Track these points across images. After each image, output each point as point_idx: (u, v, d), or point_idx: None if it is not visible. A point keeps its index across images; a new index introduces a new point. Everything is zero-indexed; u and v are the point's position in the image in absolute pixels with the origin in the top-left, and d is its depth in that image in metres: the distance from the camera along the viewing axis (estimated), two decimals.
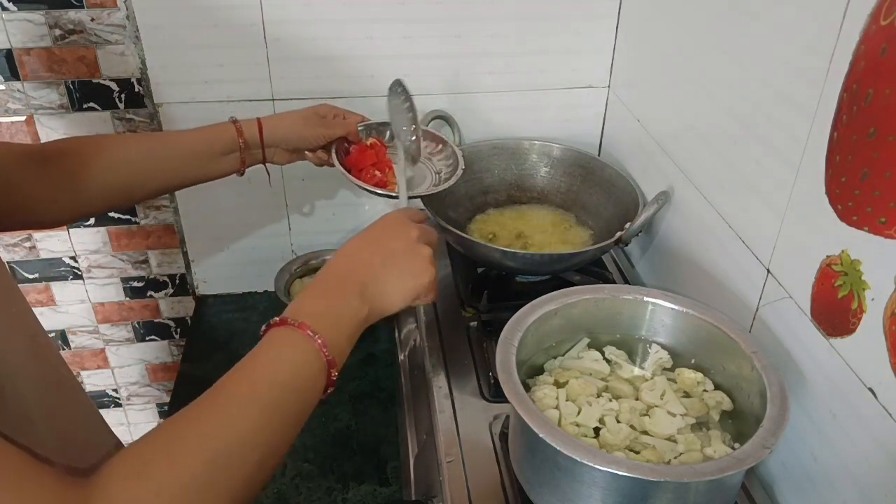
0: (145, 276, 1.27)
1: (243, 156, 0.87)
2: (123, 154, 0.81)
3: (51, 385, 0.58)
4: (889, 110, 0.54)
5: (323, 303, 0.60)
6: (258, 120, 0.89)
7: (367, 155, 0.96)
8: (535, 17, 1.10)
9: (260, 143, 0.88)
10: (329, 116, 0.95)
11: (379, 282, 0.63)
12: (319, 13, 1.04)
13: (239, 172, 0.89)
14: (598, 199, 1.11)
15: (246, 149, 0.87)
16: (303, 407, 0.55)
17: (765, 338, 0.74)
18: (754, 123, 0.76)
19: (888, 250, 0.56)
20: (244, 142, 0.87)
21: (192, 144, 0.85)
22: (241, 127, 0.87)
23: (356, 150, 0.97)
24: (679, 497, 0.60)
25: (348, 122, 0.95)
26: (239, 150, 0.87)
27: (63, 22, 1.02)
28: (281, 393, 0.53)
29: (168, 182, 0.87)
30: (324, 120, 0.94)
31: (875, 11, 0.56)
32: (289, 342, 0.56)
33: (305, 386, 0.55)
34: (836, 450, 0.65)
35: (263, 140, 0.88)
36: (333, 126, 0.94)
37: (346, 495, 0.91)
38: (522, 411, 0.61)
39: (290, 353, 0.55)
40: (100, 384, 1.41)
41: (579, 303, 0.76)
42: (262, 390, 0.52)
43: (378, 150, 0.98)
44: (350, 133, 0.95)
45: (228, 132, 0.86)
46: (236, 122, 0.87)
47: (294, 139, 0.91)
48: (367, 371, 1.10)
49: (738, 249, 0.80)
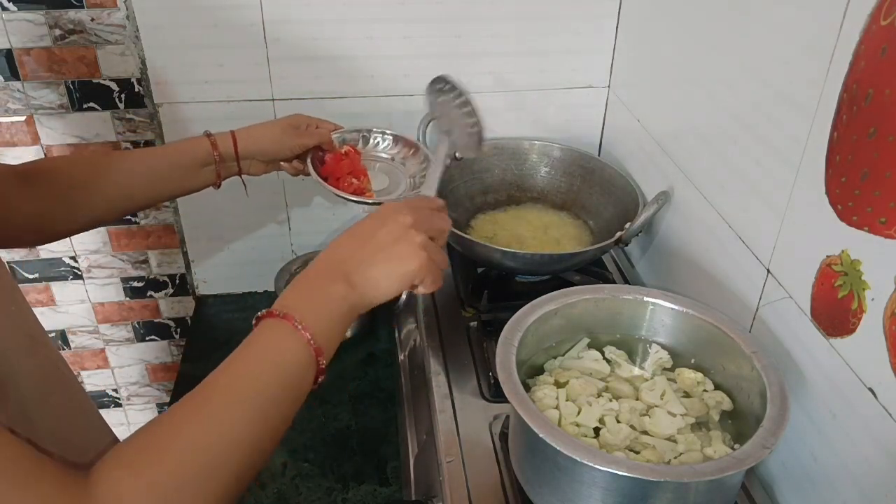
0: (145, 276, 1.27)
1: (218, 169, 0.88)
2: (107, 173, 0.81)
3: (50, 385, 0.58)
4: (889, 110, 0.54)
5: (307, 293, 0.60)
6: (232, 132, 0.89)
7: (343, 163, 0.96)
8: (535, 17, 1.10)
9: (235, 156, 0.89)
10: (303, 126, 0.95)
11: (363, 267, 0.62)
12: (319, 13, 1.04)
13: (215, 185, 0.90)
14: (598, 199, 1.11)
15: (221, 162, 0.87)
16: (292, 398, 0.55)
17: (765, 338, 0.74)
18: (754, 123, 0.76)
19: (888, 250, 0.56)
20: (219, 155, 0.87)
21: (170, 158, 0.86)
22: (216, 140, 0.87)
23: (331, 159, 0.96)
24: (679, 497, 0.60)
25: (322, 132, 0.96)
26: (214, 164, 0.87)
27: (63, 22, 1.02)
28: (269, 386, 0.54)
29: (148, 198, 0.87)
30: (298, 130, 0.94)
31: (875, 11, 0.56)
32: (275, 335, 0.56)
33: (293, 377, 0.55)
34: (836, 450, 0.65)
35: (238, 152, 0.89)
36: (307, 136, 0.94)
37: (346, 495, 0.91)
38: (522, 411, 0.61)
39: (276, 346, 0.56)
40: (100, 384, 1.41)
41: (579, 303, 0.76)
42: (251, 384, 0.53)
43: (353, 157, 0.98)
44: (324, 142, 0.96)
45: (203, 146, 0.86)
46: (210, 135, 0.87)
47: (269, 150, 0.91)
48: (367, 371, 1.10)
49: (738, 249, 0.80)
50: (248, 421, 0.52)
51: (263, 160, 0.93)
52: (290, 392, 0.55)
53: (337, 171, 0.96)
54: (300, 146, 0.93)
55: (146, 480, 0.46)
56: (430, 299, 1.01)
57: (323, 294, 0.60)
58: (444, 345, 0.93)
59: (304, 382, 0.56)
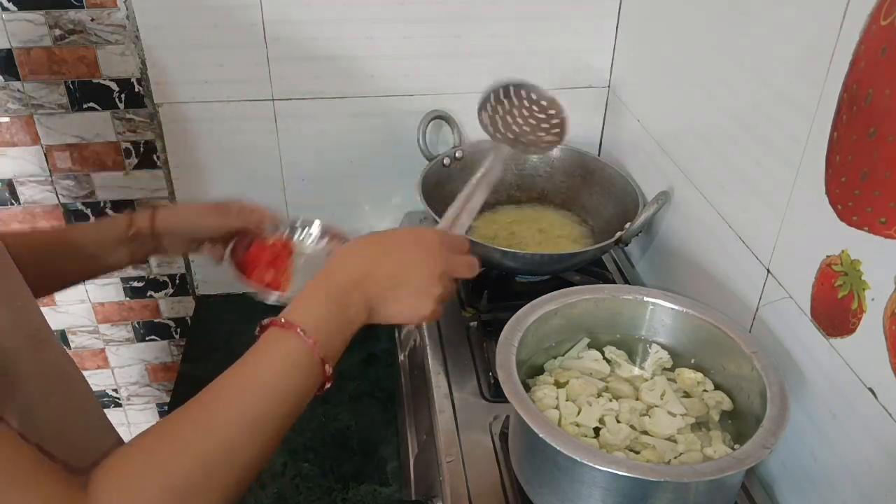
0: (145, 276, 1.27)
1: (133, 247, 0.84)
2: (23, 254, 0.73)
3: (52, 384, 0.58)
4: (889, 110, 0.54)
5: (324, 307, 0.60)
6: (152, 210, 0.85)
7: (265, 252, 0.90)
8: (535, 17, 1.10)
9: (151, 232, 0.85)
10: (233, 209, 0.90)
11: (384, 298, 0.63)
12: (319, 13, 1.04)
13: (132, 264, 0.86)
14: (598, 199, 1.11)
15: (135, 239, 0.84)
16: (294, 407, 0.55)
17: (765, 338, 0.74)
18: (754, 123, 0.76)
19: (888, 250, 0.56)
20: (134, 233, 0.83)
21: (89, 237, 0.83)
22: (134, 218, 0.84)
23: (255, 247, 0.91)
24: (679, 497, 0.60)
25: (248, 217, 0.90)
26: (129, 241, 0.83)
27: (63, 22, 1.02)
28: (272, 395, 0.54)
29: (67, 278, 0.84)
30: (224, 211, 0.89)
31: (875, 11, 0.56)
32: (281, 344, 0.56)
33: (297, 386, 0.56)
34: (836, 450, 0.65)
35: (155, 229, 0.85)
36: (232, 218, 0.89)
37: (346, 495, 0.91)
38: (522, 411, 0.61)
39: (281, 356, 0.56)
40: (100, 384, 1.41)
41: (579, 303, 0.76)
42: (253, 393, 0.53)
43: (278, 249, 0.92)
44: (249, 227, 0.90)
45: (119, 225, 0.83)
46: (131, 213, 0.84)
47: (188, 228, 0.87)
48: (367, 371, 1.10)
49: (738, 249, 0.80)
50: (251, 430, 0.52)
51: (184, 238, 0.88)
52: (293, 400, 0.55)
53: (257, 259, 0.90)
54: (221, 227, 0.88)
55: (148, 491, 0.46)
56: None
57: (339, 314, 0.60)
58: (444, 345, 0.93)
59: (307, 390, 0.56)
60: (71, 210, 1.17)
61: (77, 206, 1.17)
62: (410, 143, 1.13)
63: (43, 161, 1.12)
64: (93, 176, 1.14)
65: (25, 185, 1.14)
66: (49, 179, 1.14)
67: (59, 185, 1.15)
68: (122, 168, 1.14)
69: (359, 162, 1.18)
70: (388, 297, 0.63)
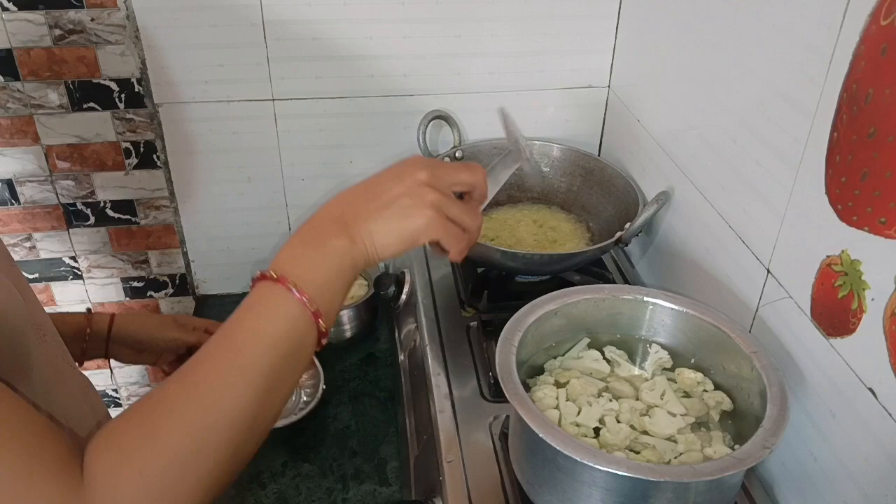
0: (145, 276, 1.27)
1: (85, 346, 0.83)
2: None
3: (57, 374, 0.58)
4: (889, 110, 0.54)
5: (303, 250, 0.55)
6: (112, 314, 0.85)
7: None
8: (535, 17, 1.10)
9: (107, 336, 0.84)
10: (189, 325, 0.90)
11: (363, 221, 0.56)
12: (319, 13, 1.04)
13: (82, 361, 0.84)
14: (598, 199, 1.11)
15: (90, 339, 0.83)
16: (291, 367, 0.52)
17: (765, 338, 0.74)
18: (754, 123, 0.76)
19: (888, 250, 0.56)
20: (91, 333, 0.83)
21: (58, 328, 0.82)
22: (93, 319, 0.83)
23: None
24: (679, 497, 0.60)
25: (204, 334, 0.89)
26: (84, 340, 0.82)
27: (63, 22, 1.02)
28: (265, 356, 0.50)
29: None
30: (181, 326, 0.89)
31: (875, 11, 0.56)
32: (271, 300, 0.52)
33: (292, 344, 0.52)
34: (836, 450, 0.65)
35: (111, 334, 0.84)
36: (188, 333, 0.88)
37: (346, 495, 0.91)
38: (522, 411, 0.61)
39: (272, 313, 0.52)
40: (100, 384, 1.41)
41: (579, 303, 0.76)
42: (246, 355, 0.50)
43: None
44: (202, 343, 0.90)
45: (79, 322, 0.83)
46: (90, 315, 0.84)
47: (144, 337, 0.86)
48: (367, 371, 1.10)
49: (738, 249, 0.80)
50: (244, 395, 0.49)
51: (135, 347, 0.87)
52: (288, 360, 0.52)
53: None
54: (177, 341, 0.87)
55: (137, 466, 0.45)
56: (430, 299, 1.01)
57: (321, 250, 0.55)
58: (444, 345, 0.93)
59: (303, 348, 0.53)
60: (71, 210, 1.17)
61: (77, 206, 1.17)
62: (410, 143, 1.14)
63: (43, 161, 1.12)
64: (93, 176, 1.15)
65: (25, 185, 1.14)
66: (49, 179, 1.14)
67: (59, 185, 1.15)
68: (122, 168, 1.14)
69: (359, 162, 1.18)
70: (369, 218, 0.56)
